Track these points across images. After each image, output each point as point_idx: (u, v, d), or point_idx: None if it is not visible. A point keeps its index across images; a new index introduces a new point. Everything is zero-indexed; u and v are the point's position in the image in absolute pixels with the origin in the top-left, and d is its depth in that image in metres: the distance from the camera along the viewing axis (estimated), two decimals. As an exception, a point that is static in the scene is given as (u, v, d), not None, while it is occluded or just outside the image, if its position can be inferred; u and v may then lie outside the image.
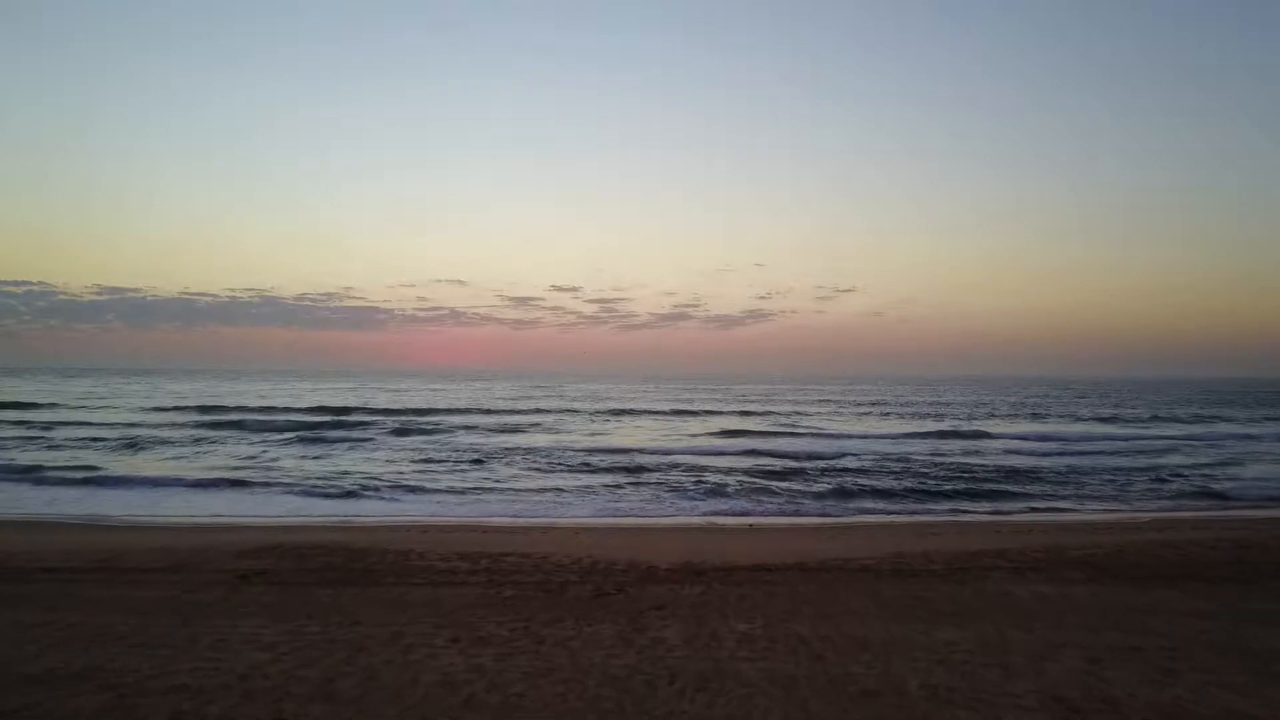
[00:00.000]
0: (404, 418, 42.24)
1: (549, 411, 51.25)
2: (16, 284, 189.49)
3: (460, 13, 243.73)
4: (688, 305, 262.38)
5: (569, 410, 53.00)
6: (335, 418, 40.11)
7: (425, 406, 52.29)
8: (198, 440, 30.35)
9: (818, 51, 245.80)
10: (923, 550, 12.03)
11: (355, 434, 33.33)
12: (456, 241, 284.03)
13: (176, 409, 46.61)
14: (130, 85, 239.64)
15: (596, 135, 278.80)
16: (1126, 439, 35.43)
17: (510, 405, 56.36)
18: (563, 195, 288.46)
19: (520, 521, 16.59)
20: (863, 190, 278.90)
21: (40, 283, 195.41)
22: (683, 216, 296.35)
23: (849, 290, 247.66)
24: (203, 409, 46.02)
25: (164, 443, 29.25)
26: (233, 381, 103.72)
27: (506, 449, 29.60)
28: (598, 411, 52.45)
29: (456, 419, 43.07)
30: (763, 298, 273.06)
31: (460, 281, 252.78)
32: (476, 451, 28.50)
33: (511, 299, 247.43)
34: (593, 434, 36.90)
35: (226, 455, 26.24)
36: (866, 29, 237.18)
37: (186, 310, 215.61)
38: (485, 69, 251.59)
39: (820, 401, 68.18)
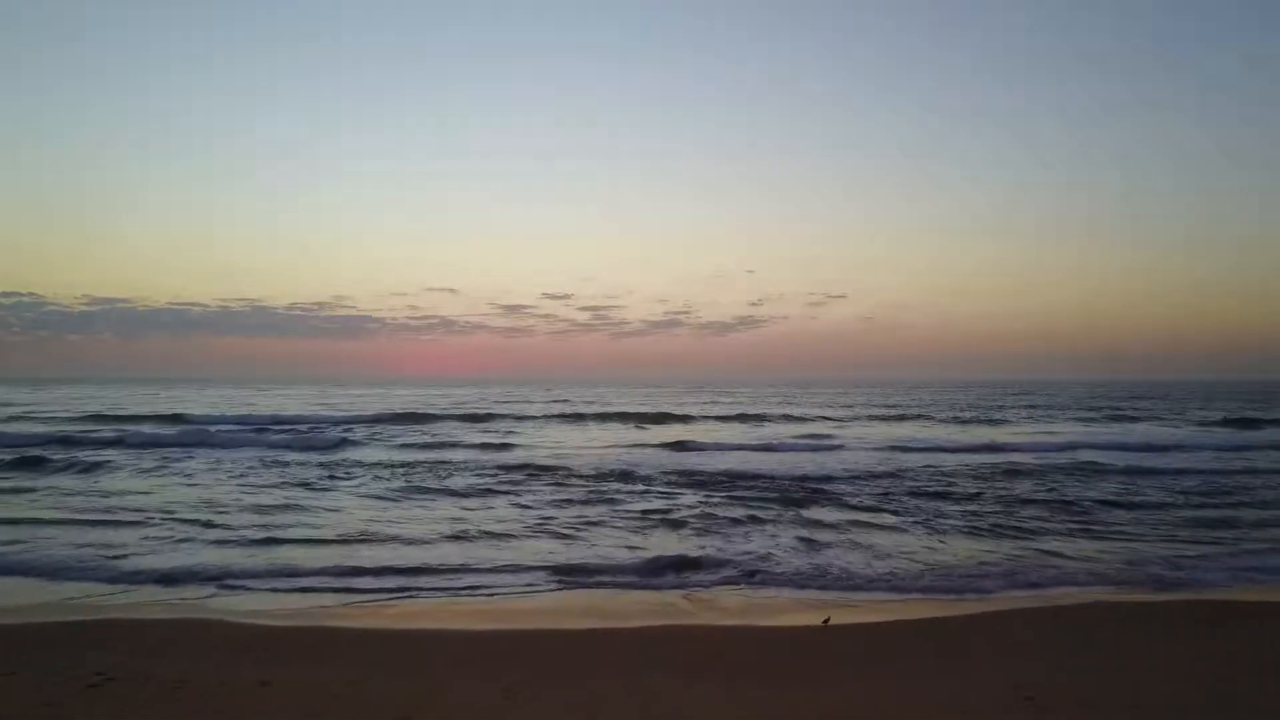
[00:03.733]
0: (277, 427, 32.28)
1: (502, 417, 41.30)
2: (5, 295, 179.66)
3: (451, 21, 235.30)
4: (680, 312, 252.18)
5: (531, 415, 43.03)
6: (118, 427, 29.06)
7: (340, 415, 42.30)
8: None
9: (808, 58, 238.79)
10: None
11: (110, 453, 21.87)
12: (448, 250, 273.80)
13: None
14: (120, 94, 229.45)
15: (586, 143, 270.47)
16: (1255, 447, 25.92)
17: (461, 410, 46.33)
18: (554, 203, 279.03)
19: (221, 611, 6.86)
20: (854, 196, 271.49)
21: (30, 294, 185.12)
22: (674, 223, 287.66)
23: (840, 296, 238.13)
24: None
25: None
26: (168, 388, 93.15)
27: (394, 464, 19.86)
28: (559, 416, 42.60)
29: (370, 428, 33.21)
30: (755, 304, 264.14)
31: (452, 290, 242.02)
32: (331, 470, 18.78)
33: (503, 307, 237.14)
34: (533, 443, 27.15)
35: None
36: (857, 36, 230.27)
37: (178, 320, 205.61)
38: (476, 77, 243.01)
39: (827, 405, 57.94)
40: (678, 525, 12.42)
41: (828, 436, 30.43)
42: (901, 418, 43.17)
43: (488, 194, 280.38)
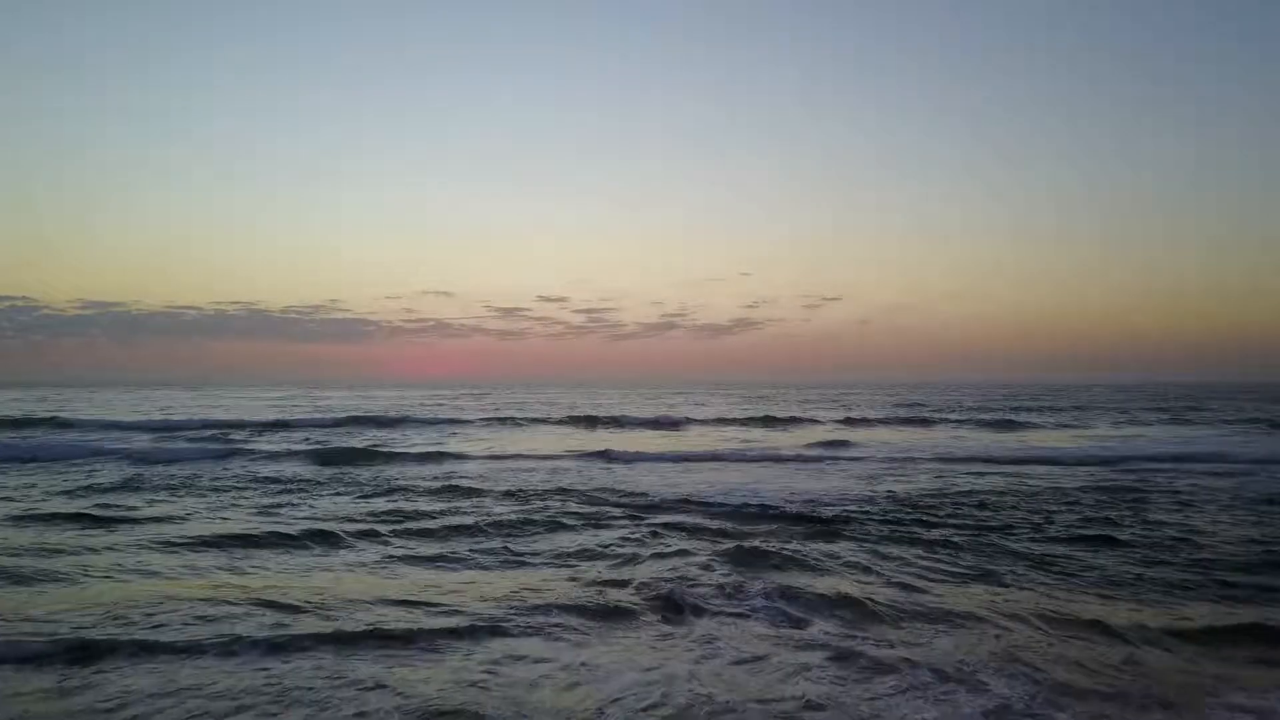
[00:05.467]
0: (191, 433, 27.31)
1: (467, 422, 36.49)
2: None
3: (446, 26, 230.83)
4: (676, 315, 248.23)
5: (503, 418, 38.07)
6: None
7: (273, 419, 37.29)
8: None
9: (803, 60, 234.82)
10: None
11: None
12: (443, 253, 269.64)
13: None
14: (115, 96, 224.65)
15: (582, 146, 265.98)
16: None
17: (422, 415, 41.43)
18: (550, 206, 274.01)
19: None
20: (849, 199, 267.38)
21: (23, 297, 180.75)
22: (669, 226, 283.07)
23: (836, 299, 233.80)
24: None
25: None
26: (156, 391, 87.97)
27: (278, 480, 14.86)
28: (534, 419, 37.68)
29: (300, 433, 28.28)
30: (750, 307, 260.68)
31: (447, 293, 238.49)
32: (179, 491, 13.72)
33: (498, 310, 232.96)
34: (478, 452, 22.17)
35: None
36: (852, 38, 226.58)
37: (173, 324, 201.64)
38: (473, 80, 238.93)
39: (829, 407, 52.70)
40: (647, 610, 7.42)
41: (840, 444, 25.52)
42: (911, 421, 38.37)
43: (483, 197, 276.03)
